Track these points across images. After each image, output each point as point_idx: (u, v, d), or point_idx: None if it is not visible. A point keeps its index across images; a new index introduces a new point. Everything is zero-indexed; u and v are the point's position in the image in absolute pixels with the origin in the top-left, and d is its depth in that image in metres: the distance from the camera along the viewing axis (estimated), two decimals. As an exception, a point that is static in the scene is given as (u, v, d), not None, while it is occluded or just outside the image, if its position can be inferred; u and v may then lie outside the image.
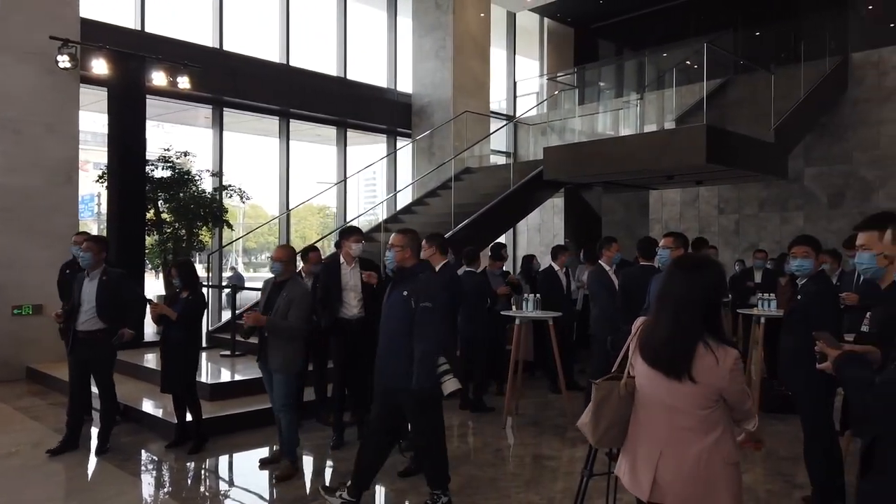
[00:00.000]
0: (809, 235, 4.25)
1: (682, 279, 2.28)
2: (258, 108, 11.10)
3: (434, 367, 3.84)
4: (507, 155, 14.81)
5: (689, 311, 2.21)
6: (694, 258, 2.56)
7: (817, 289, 3.97)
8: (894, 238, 1.94)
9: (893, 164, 10.73)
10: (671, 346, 2.21)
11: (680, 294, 2.25)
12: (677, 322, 2.22)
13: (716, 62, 11.70)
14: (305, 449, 5.37)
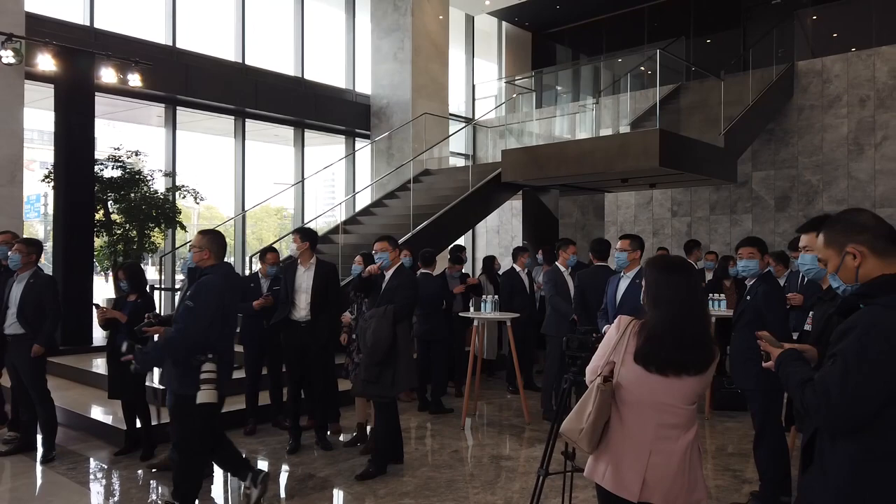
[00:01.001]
0: (755, 237, 4.40)
1: (684, 280, 2.38)
2: (213, 107, 10.90)
3: (195, 372, 3.63)
4: (466, 157, 14.89)
5: (704, 308, 2.43)
6: (680, 260, 2.62)
7: (766, 289, 4.11)
8: (825, 241, 2.02)
9: (836, 168, 11.17)
10: (701, 343, 2.31)
11: (690, 294, 2.36)
12: (702, 320, 2.37)
13: (668, 68, 11.99)
14: (261, 454, 5.29)
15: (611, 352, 2.38)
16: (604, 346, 2.43)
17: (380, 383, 4.56)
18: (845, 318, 1.92)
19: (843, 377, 1.79)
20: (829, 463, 1.90)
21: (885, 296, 1.83)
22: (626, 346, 2.34)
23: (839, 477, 1.87)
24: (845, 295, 2.01)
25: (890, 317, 1.78)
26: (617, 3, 14.82)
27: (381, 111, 12.77)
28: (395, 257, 4.87)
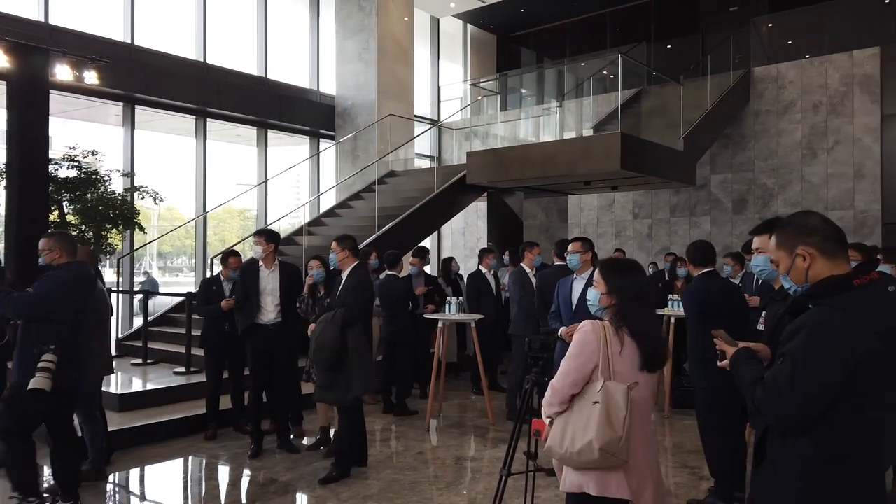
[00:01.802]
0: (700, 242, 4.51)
1: (645, 278, 2.56)
2: (173, 106, 10.69)
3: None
4: (432, 159, 14.90)
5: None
6: (634, 261, 2.71)
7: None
8: (777, 243, 2.08)
9: (790, 171, 11.50)
10: (662, 337, 2.48)
11: (652, 291, 2.57)
12: (656, 315, 2.57)
13: (630, 73, 12.19)
14: (222, 459, 5.22)
15: (596, 357, 2.37)
16: (582, 353, 2.38)
17: (334, 388, 4.54)
18: (795, 318, 1.97)
19: (792, 376, 1.84)
20: (780, 460, 1.96)
21: (833, 297, 1.89)
22: (611, 348, 2.36)
23: (789, 474, 1.92)
24: (796, 295, 2.07)
25: (837, 317, 1.84)
26: (580, 7, 15.02)
27: (345, 112, 12.70)
28: (346, 258, 4.84)
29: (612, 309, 2.42)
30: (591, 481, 2.34)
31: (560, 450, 2.35)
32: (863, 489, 1.87)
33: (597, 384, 2.34)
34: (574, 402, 2.39)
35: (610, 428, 2.28)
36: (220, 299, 5.81)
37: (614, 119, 10.50)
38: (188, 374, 6.84)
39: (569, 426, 2.36)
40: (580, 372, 2.37)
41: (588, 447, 2.28)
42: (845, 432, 1.84)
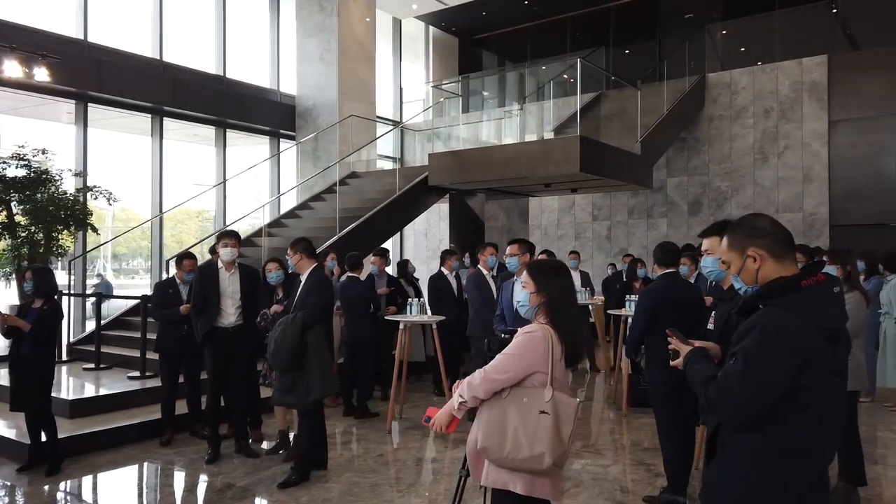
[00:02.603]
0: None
1: (570, 278, 2.65)
2: (128, 104, 10.43)
3: None
4: (394, 160, 14.87)
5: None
6: (560, 262, 2.82)
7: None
8: (728, 244, 2.14)
9: (743, 175, 11.82)
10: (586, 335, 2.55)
11: (574, 290, 2.66)
12: (580, 314, 2.67)
13: (589, 77, 12.38)
14: (178, 465, 5.11)
15: (541, 363, 2.42)
16: (528, 355, 2.42)
17: (294, 392, 4.49)
18: (746, 318, 2.03)
19: (743, 374, 1.90)
20: (731, 456, 2.01)
21: (782, 297, 1.95)
22: (554, 355, 2.43)
23: (740, 469, 1.98)
24: (746, 296, 2.13)
25: (786, 317, 1.90)
26: (540, 12, 15.19)
27: (306, 112, 12.58)
28: (300, 260, 4.79)
29: (542, 308, 2.51)
30: (519, 481, 2.40)
31: (501, 454, 2.38)
32: (808, 482, 1.94)
33: (544, 392, 2.40)
34: (510, 403, 2.42)
35: (560, 442, 2.38)
36: (177, 302, 5.70)
37: (574, 122, 10.64)
38: (143, 379, 6.68)
39: (509, 430, 2.38)
40: (521, 373, 2.43)
41: (538, 459, 2.35)
42: (792, 428, 1.90)
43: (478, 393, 2.45)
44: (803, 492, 1.93)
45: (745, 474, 1.96)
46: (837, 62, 11.16)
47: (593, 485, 4.61)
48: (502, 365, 2.44)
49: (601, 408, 7.22)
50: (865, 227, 10.67)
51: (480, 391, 2.44)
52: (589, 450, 5.51)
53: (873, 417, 6.57)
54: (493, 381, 2.42)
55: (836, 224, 11.01)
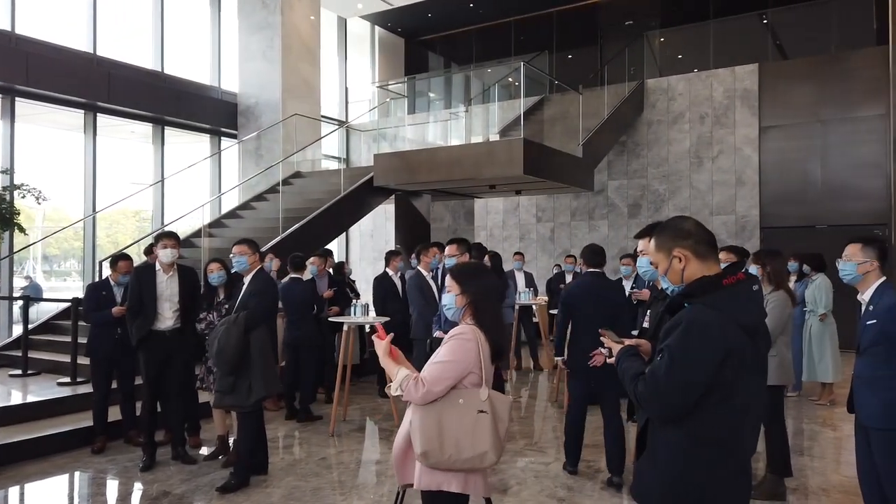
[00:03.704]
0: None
1: (492, 280, 2.70)
2: (59, 99, 10.01)
3: None
4: (340, 160, 14.74)
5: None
6: (480, 263, 2.91)
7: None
8: (656, 246, 2.22)
9: (679, 178, 12.22)
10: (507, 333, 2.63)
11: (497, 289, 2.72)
12: (502, 313, 2.75)
13: (533, 81, 12.57)
14: (111, 473, 4.94)
15: (474, 364, 2.47)
16: (463, 359, 2.46)
17: (235, 393, 4.41)
18: (673, 316, 2.11)
19: (668, 370, 1.98)
20: (659, 449, 2.09)
21: (705, 295, 2.04)
22: (484, 354, 2.49)
23: (667, 461, 2.06)
24: (673, 295, 2.21)
25: (709, 315, 1.99)
26: (485, 15, 15.33)
27: (248, 110, 12.35)
28: (255, 262, 4.74)
29: (467, 308, 2.57)
30: (454, 480, 2.45)
31: (442, 457, 2.41)
32: (730, 471, 2.03)
33: (479, 392, 2.46)
34: (445, 406, 2.44)
35: (498, 440, 2.47)
36: (110, 304, 5.52)
37: (518, 125, 10.79)
38: (74, 385, 6.42)
39: (449, 432, 2.41)
40: (458, 378, 2.45)
41: (480, 458, 2.42)
42: (715, 420, 1.99)
43: (414, 400, 2.46)
44: (726, 480, 2.02)
45: (671, 465, 2.04)
46: (767, 70, 11.66)
47: (535, 482, 4.69)
48: (440, 374, 2.44)
49: (544, 406, 7.34)
50: (794, 229, 11.18)
51: (418, 399, 2.44)
52: (532, 448, 5.59)
53: (799, 411, 6.89)
54: (433, 393, 2.42)
55: (767, 226, 11.50)
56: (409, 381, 2.42)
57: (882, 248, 3.33)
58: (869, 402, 3.24)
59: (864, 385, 3.29)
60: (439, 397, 2.43)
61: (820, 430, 6.18)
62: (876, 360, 3.22)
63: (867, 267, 3.31)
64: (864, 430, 3.32)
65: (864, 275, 3.31)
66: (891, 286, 3.30)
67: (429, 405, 2.44)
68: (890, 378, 3.18)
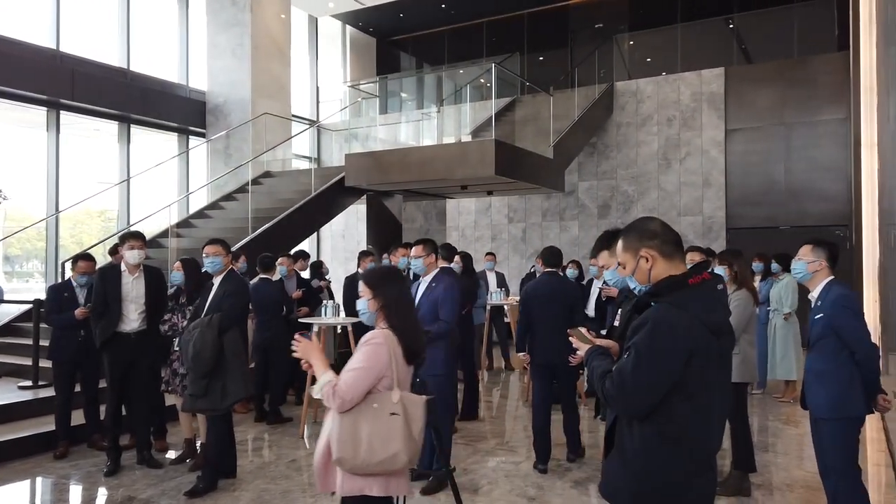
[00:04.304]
0: None
1: (403, 284, 2.79)
2: (20, 96, 9.74)
3: None
4: (311, 160, 14.62)
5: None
6: (393, 268, 3.05)
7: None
8: (623, 247, 2.26)
9: (648, 180, 12.39)
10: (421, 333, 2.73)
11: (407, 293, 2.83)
12: (415, 314, 2.81)
13: (504, 82, 12.63)
14: (74, 479, 4.83)
15: (386, 367, 2.50)
16: (376, 364, 2.49)
17: (208, 396, 4.33)
18: (640, 315, 2.14)
19: (635, 367, 2.01)
20: (627, 446, 2.12)
21: (672, 294, 2.07)
22: (397, 356, 2.53)
23: (634, 458, 2.09)
24: (640, 294, 2.25)
25: (675, 313, 2.02)
26: (457, 16, 15.35)
27: (217, 109, 12.18)
28: (229, 262, 4.69)
29: (380, 312, 2.62)
30: (375, 484, 2.48)
31: (356, 461, 2.42)
32: (697, 468, 2.07)
33: (391, 394, 2.49)
34: (360, 411, 2.46)
35: (412, 440, 2.49)
36: (73, 306, 5.40)
37: (490, 126, 10.83)
38: (35, 388, 6.27)
39: (362, 436, 2.43)
40: (372, 383, 2.48)
41: (393, 459, 2.43)
42: (680, 417, 2.02)
43: (332, 407, 2.47)
44: (690, 476, 2.06)
45: (638, 462, 2.07)
46: (733, 74, 11.88)
47: (506, 482, 4.71)
48: (353, 382, 2.45)
49: (515, 405, 7.38)
50: (758, 229, 11.42)
51: (335, 407, 2.46)
52: (503, 447, 5.62)
53: (764, 408, 7.03)
54: (348, 401, 2.43)
55: (732, 227, 11.72)
56: (329, 387, 2.43)
57: (831, 250, 3.48)
58: (818, 394, 3.37)
59: (814, 378, 3.41)
60: (355, 404, 2.45)
61: (783, 426, 6.32)
62: (824, 354, 3.36)
63: (816, 266, 3.45)
64: (817, 423, 3.43)
65: (814, 274, 3.45)
66: (838, 283, 3.43)
67: (345, 411, 2.46)
68: (837, 370, 3.31)
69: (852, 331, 3.29)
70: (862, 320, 3.35)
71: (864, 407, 3.30)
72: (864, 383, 3.29)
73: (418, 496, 4.33)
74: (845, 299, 3.34)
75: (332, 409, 2.47)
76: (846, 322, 3.29)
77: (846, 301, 3.33)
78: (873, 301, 7.58)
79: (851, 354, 3.28)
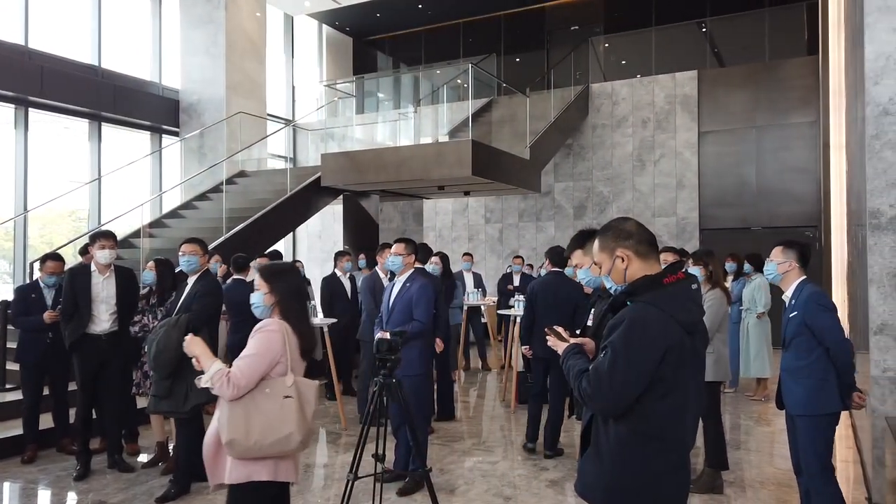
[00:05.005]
0: None
1: (299, 280, 2.84)
2: (-14, 92, 9.54)
3: None
4: (286, 160, 14.50)
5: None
6: (289, 264, 3.12)
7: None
8: (599, 247, 2.27)
9: (623, 181, 12.51)
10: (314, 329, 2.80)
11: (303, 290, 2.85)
12: (308, 310, 2.86)
13: (481, 83, 12.65)
14: (42, 483, 4.73)
15: (280, 353, 2.57)
16: (269, 350, 2.55)
17: (172, 398, 4.24)
18: (615, 314, 2.16)
19: (612, 366, 2.02)
20: (603, 445, 2.13)
21: (647, 294, 2.09)
22: (290, 344, 2.60)
23: (610, 457, 2.10)
24: (616, 293, 2.26)
25: (650, 312, 2.04)
26: (434, 16, 15.34)
27: (191, 107, 12.03)
28: (205, 262, 4.63)
29: (275, 307, 2.66)
30: (263, 469, 2.52)
31: (248, 443, 2.45)
32: (671, 465, 2.09)
33: (285, 379, 2.55)
34: (254, 396, 2.50)
35: (305, 422, 2.55)
36: (41, 308, 5.28)
37: (467, 126, 10.84)
38: (2, 392, 6.12)
39: (255, 419, 2.46)
40: (266, 369, 2.53)
41: (286, 440, 2.48)
42: (655, 415, 2.04)
43: (225, 396, 2.49)
44: (666, 474, 2.07)
45: (614, 460, 2.09)
46: (706, 77, 12.05)
47: (483, 481, 4.71)
48: (247, 369, 2.50)
49: (492, 405, 7.39)
50: (731, 230, 11.59)
51: (229, 395, 2.47)
52: (479, 447, 5.62)
53: (736, 407, 7.13)
54: (242, 388, 2.47)
55: (706, 228, 11.88)
56: (220, 376, 2.45)
57: (802, 251, 3.54)
58: (793, 390, 3.43)
59: (789, 376, 3.46)
60: (249, 391, 2.49)
61: (755, 425, 6.42)
62: (799, 351, 3.42)
63: (786, 267, 3.52)
64: (793, 420, 3.48)
65: (784, 274, 3.52)
66: (810, 282, 3.49)
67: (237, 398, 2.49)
68: (811, 366, 3.37)
69: (827, 327, 3.35)
70: (835, 316, 3.41)
71: (839, 403, 3.36)
72: (840, 379, 3.35)
73: (395, 497, 4.32)
74: (818, 296, 3.40)
75: (225, 398, 2.47)
76: (820, 318, 3.34)
77: (819, 298, 3.40)
78: (842, 301, 7.73)
79: (826, 351, 3.34)
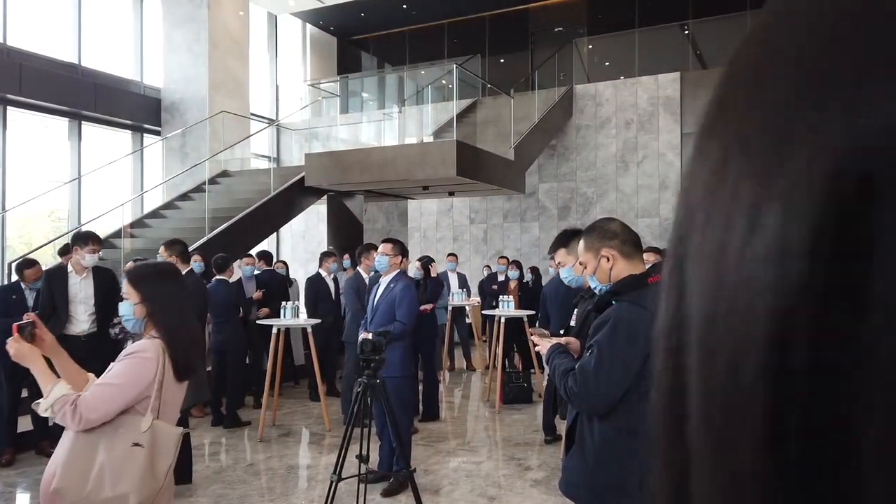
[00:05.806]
0: None
1: (182, 284, 2.44)
2: (-37, 90, 9.38)
3: None
4: (270, 159, 14.41)
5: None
6: (170, 266, 2.69)
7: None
8: (584, 247, 2.28)
9: (607, 182, 12.58)
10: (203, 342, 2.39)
11: (186, 296, 2.43)
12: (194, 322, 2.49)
13: (466, 83, 12.66)
14: (21, 487, 4.66)
15: (149, 387, 2.10)
16: (138, 382, 2.09)
17: None
18: (600, 314, 2.18)
19: (597, 365, 2.03)
20: (587, 443, 2.15)
21: (632, 293, 2.11)
22: (167, 374, 2.14)
23: (595, 454, 2.12)
24: (601, 293, 2.28)
25: (635, 312, 2.06)
26: (418, 16, 15.33)
27: (173, 106, 11.91)
28: (177, 263, 4.57)
29: (150, 320, 2.20)
30: None
31: (81, 494, 1.98)
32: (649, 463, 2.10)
33: (141, 420, 2.07)
34: (102, 433, 2.04)
35: (153, 478, 2.04)
36: (21, 309, 5.19)
37: (451, 127, 10.84)
38: (-21, 395, 6.01)
39: (94, 466, 2.00)
40: (126, 403, 2.08)
41: (121, 500, 1.99)
42: (641, 413, 2.06)
43: (69, 427, 2.05)
44: (645, 471, 2.09)
45: (598, 458, 2.11)
46: (688, 79, 12.15)
47: (467, 482, 4.71)
48: (101, 400, 2.03)
49: (477, 406, 7.41)
50: (712, 231, 11.68)
51: (73, 427, 2.02)
52: (464, 448, 5.62)
53: (718, 404, 7.20)
54: (90, 421, 2.01)
55: (688, 228, 11.96)
56: (63, 404, 1.99)
57: None
58: None
59: None
60: (99, 424, 2.01)
61: (737, 422, 6.48)
62: None
63: None
64: None
65: None
66: None
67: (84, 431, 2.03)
68: None
69: None
70: None
71: None
72: None
73: (379, 498, 4.31)
74: None
75: (69, 429, 2.03)
76: None
77: None
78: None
79: None
